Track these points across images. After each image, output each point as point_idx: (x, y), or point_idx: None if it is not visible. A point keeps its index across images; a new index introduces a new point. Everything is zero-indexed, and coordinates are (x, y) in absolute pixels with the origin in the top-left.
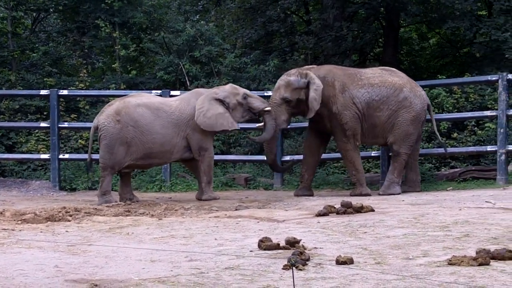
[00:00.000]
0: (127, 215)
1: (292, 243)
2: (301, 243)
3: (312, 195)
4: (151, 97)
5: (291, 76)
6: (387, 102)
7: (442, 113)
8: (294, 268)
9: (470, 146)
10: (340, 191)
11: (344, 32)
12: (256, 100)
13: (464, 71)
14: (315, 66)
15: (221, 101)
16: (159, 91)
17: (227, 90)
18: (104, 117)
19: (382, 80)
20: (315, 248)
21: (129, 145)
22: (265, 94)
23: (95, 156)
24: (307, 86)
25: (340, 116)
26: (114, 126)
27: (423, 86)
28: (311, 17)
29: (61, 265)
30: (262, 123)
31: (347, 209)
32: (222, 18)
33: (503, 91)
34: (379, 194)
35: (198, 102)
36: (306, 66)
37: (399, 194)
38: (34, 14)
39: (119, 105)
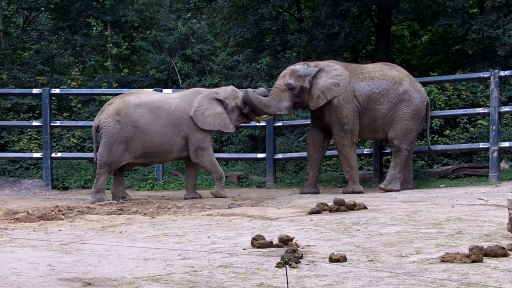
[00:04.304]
0: (120, 214)
1: (285, 241)
2: (294, 241)
3: (318, 192)
4: (150, 95)
5: (296, 65)
6: (387, 95)
7: (434, 110)
8: (287, 266)
9: (462, 143)
10: (333, 188)
11: (336, 29)
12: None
13: (456, 68)
14: (312, 62)
15: (221, 102)
16: (151, 90)
17: (228, 91)
18: (104, 116)
19: (382, 73)
20: (308, 246)
21: (128, 143)
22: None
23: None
24: (315, 75)
25: (341, 109)
26: (114, 126)
27: None
28: (303, 15)
29: (54, 264)
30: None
31: (340, 207)
32: (214, 16)
33: (495, 88)
34: (380, 188)
35: (198, 99)
36: (302, 62)
37: (398, 191)
38: (26, 12)
39: (119, 105)
